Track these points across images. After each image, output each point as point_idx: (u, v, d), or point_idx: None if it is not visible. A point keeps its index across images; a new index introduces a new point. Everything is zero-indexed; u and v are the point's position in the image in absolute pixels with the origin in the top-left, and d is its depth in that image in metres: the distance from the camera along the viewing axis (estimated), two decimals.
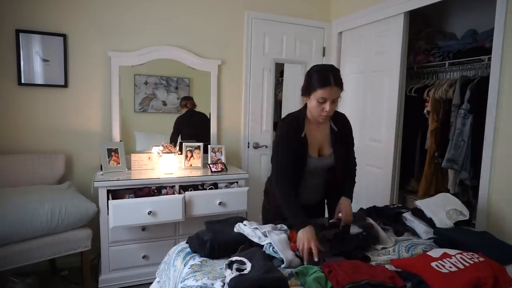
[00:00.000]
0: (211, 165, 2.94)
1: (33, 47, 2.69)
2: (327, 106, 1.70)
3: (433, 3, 2.52)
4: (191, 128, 3.28)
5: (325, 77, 1.67)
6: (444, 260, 1.45)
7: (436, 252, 1.54)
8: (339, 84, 1.69)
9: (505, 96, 2.11)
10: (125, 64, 2.92)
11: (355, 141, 2.04)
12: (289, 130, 1.81)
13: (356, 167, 2.03)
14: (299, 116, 1.84)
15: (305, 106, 1.84)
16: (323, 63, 1.75)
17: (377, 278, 1.32)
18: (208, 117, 3.28)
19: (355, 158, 2.02)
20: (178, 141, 3.12)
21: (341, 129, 1.90)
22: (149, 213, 2.43)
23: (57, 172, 2.74)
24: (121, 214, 2.39)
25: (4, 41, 2.63)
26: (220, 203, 2.67)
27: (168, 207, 2.50)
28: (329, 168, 1.90)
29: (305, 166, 1.82)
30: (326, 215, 2.09)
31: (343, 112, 2.03)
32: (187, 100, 3.21)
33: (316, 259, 1.51)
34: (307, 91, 1.75)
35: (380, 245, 1.74)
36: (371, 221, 1.88)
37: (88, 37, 2.84)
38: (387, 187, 2.94)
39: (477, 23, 2.95)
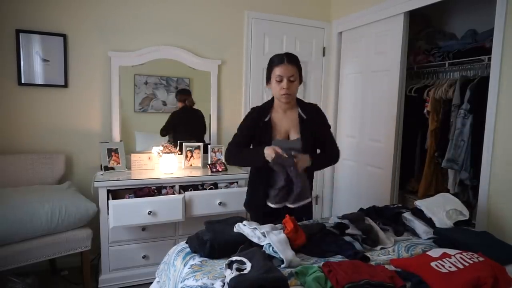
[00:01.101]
0: (211, 165, 2.94)
1: (33, 47, 2.69)
2: (284, 84, 1.90)
3: (433, 3, 2.52)
4: (185, 125, 3.26)
5: (279, 57, 1.93)
6: (443, 260, 1.45)
7: (435, 252, 1.54)
8: (292, 62, 1.92)
9: (505, 96, 2.11)
10: (125, 64, 2.92)
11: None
12: (252, 114, 2.06)
13: (338, 154, 2.13)
14: (265, 104, 2.08)
15: (272, 98, 2.05)
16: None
17: (377, 278, 1.32)
18: (201, 115, 3.25)
19: (335, 144, 2.14)
20: (167, 138, 3.12)
21: (312, 117, 2.04)
22: (149, 213, 2.43)
23: (57, 172, 2.74)
24: (121, 214, 2.39)
25: (4, 41, 2.63)
26: (220, 203, 2.67)
27: (168, 207, 2.50)
28: (298, 152, 1.93)
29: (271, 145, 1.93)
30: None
31: (314, 103, 2.21)
32: (185, 95, 3.17)
33: (285, 155, 1.77)
34: (268, 77, 1.99)
35: (380, 245, 1.74)
36: (370, 222, 1.88)
37: (88, 37, 2.84)
38: (387, 187, 2.94)
39: (477, 23, 2.95)
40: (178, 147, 3.00)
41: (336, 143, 2.15)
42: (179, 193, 2.68)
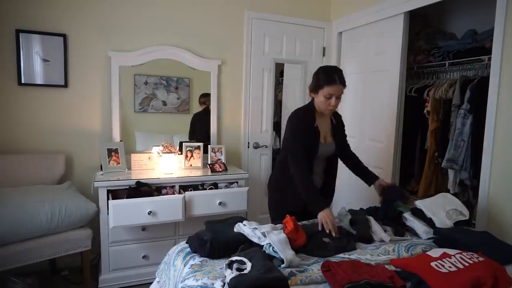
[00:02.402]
0: (211, 165, 2.94)
1: (33, 47, 2.69)
2: (333, 101, 2.01)
3: (433, 3, 2.52)
4: (205, 126, 3.28)
5: (331, 77, 2.00)
6: (443, 260, 1.45)
7: (435, 252, 1.54)
8: (343, 83, 2.03)
9: (505, 96, 2.11)
10: (125, 64, 2.92)
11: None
12: (304, 121, 2.11)
13: None
14: (310, 109, 2.14)
15: (311, 102, 2.14)
16: (329, 65, 2.14)
17: (377, 278, 1.32)
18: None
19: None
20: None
21: (338, 122, 2.27)
22: (149, 213, 2.43)
23: (57, 172, 2.74)
24: (121, 214, 2.39)
25: (4, 41, 2.63)
26: (220, 203, 2.67)
27: (168, 207, 2.50)
28: (329, 156, 2.20)
29: (317, 152, 2.10)
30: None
31: (341, 111, 2.34)
32: (206, 98, 3.24)
33: (335, 235, 1.79)
34: (315, 88, 2.06)
35: (376, 241, 1.79)
36: (369, 218, 1.90)
37: (88, 37, 2.84)
38: None
39: (477, 23, 2.95)
40: (178, 147, 3.00)
41: None
42: (179, 193, 2.68)
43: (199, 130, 3.25)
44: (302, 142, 2.06)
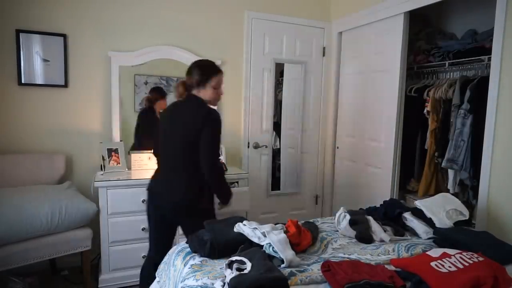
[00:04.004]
0: None
1: (33, 47, 2.69)
2: (222, 90, 2.06)
3: (433, 3, 2.52)
4: None
5: (214, 66, 2.04)
6: (443, 259, 1.45)
7: (435, 252, 1.54)
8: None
9: (505, 96, 2.11)
10: (125, 64, 2.92)
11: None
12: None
13: None
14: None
15: (200, 99, 2.02)
16: (201, 59, 2.18)
17: (377, 277, 1.32)
18: None
19: None
20: None
21: None
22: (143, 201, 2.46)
23: (57, 172, 2.74)
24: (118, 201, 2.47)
25: (4, 41, 2.63)
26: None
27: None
28: None
29: None
30: None
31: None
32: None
33: None
34: (201, 82, 2.01)
35: (376, 241, 1.78)
36: (370, 219, 1.90)
37: (88, 37, 2.84)
38: (387, 187, 2.94)
39: (477, 23, 2.95)
40: None
41: None
42: None
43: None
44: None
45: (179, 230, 2.75)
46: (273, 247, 1.53)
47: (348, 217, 1.92)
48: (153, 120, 3.00)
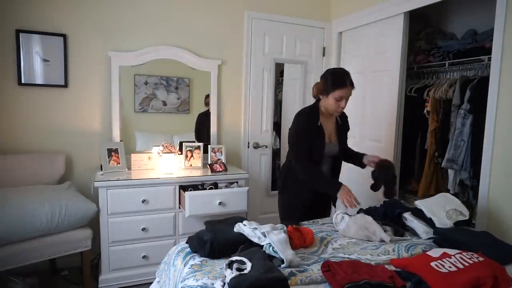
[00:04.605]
0: (211, 165, 2.94)
1: (33, 47, 2.69)
2: (343, 103, 2.09)
3: (433, 3, 2.52)
4: (208, 126, 3.29)
5: (343, 80, 2.06)
6: (443, 260, 1.45)
7: (435, 252, 1.54)
8: (352, 85, 2.10)
9: (505, 96, 2.11)
10: (125, 64, 2.92)
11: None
12: (307, 120, 2.15)
13: None
14: (314, 109, 2.19)
15: (315, 103, 2.20)
16: (337, 67, 2.20)
17: (377, 278, 1.32)
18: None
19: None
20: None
21: (343, 123, 2.33)
22: (220, 203, 2.57)
23: (57, 172, 2.74)
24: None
25: (4, 41, 2.63)
26: (220, 203, 2.67)
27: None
28: (334, 155, 2.25)
29: (324, 150, 2.15)
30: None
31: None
32: (209, 99, 3.25)
33: (358, 206, 1.95)
34: (325, 91, 2.09)
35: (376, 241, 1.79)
36: (368, 218, 1.91)
37: (88, 37, 2.84)
38: None
39: (477, 23, 2.95)
40: (178, 147, 3.00)
41: None
42: (179, 193, 2.69)
43: (203, 130, 3.25)
44: (305, 142, 2.11)
45: (179, 230, 2.77)
46: (273, 247, 1.53)
47: (347, 218, 1.93)
48: None
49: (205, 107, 3.26)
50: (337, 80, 2.06)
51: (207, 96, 3.25)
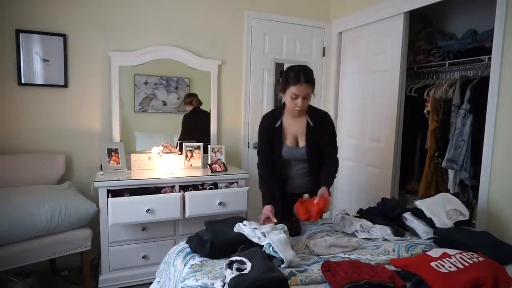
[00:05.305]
0: (211, 165, 2.94)
1: (33, 47, 2.69)
2: (299, 101, 1.95)
3: (433, 3, 2.52)
4: (195, 126, 3.28)
5: (296, 76, 1.93)
6: (443, 260, 1.45)
7: (435, 252, 1.54)
8: (308, 82, 1.95)
9: (505, 96, 2.11)
10: (125, 64, 2.92)
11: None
12: (264, 122, 2.15)
13: (338, 162, 2.15)
14: (275, 110, 2.20)
15: (284, 103, 2.10)
16: (298, 64, 2.03)
17: (377, 278, 1.32)
18: (209, 115, 3.28)
19: (335, 153, 2.14)
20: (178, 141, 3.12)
21: (317, 125, 2.09)
22: (148, 211, 2.44)
23: (57, 172, 2.74)
24: (120, 212, 2.41)
25: (4, 41, 2.63)
26: (220, 203, 2.67)
27: (167, 205, 2.52)
28: (304, 159, 2.11)
29: (281, 153, 2.09)
30: None
31: (326, 111, 2.24)
32: (192, 98, 3.21)
33: (274, 220, 1.86)
34: (283, 88, 2.02)
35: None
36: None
37: (88, 37, 2.84)
38: (387, 187, 2.94)
39: (477, 23, 2.95)
40: (178, 147, 3.00)
41: (336, 152, 2.15)
42: (183, 200, 2.68)
43: (191, 131, 3.23)
44: (265, 141, 2.13)
45: (179, 230, 2.77)
46: (273, 247, 1.53)
47: (346, 218, 1.93)
48: None
49: (187, 107, 3.21)
50: (291, 77, 1.94)
51: (189, 96, 3.20)
